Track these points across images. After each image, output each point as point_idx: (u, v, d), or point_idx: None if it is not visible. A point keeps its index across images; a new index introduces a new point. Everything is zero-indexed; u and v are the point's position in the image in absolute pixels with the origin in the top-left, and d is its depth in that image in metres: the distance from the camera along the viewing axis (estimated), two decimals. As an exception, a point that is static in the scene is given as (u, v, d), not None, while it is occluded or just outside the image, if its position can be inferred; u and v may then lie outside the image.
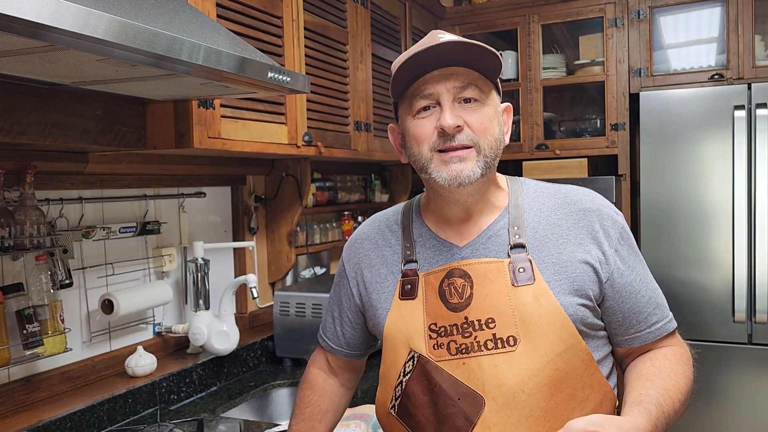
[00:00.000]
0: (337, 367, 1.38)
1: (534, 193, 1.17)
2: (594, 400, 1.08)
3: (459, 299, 1.09)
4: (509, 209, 1.14)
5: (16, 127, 1.43)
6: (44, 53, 1.07)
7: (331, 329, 1.34)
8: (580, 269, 1.08)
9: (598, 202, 1.16)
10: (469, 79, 1.06)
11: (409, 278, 1.15)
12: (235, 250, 2.51)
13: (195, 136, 1.71)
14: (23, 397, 1.71)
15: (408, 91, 1.10)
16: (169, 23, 1.19)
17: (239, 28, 1.86)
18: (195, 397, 2.08)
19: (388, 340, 1.17)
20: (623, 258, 1.12)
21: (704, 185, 2.79)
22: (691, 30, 3.19)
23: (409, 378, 1.11)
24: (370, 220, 1.31)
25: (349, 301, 1.29)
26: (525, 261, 1.08)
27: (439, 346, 1.09)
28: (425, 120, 1.08)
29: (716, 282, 2.78)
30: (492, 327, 1.06)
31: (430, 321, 1.11)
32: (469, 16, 3.39)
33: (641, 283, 1.12)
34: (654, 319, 1.12)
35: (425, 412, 1.10)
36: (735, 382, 2.76)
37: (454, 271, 1.11)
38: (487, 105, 1.09)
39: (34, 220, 1.64)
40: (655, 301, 1.14)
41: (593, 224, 1.12)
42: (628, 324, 1.12)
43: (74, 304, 1.87)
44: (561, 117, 3.60)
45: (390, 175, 3.46)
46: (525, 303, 1.06)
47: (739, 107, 2.71)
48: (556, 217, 1.13)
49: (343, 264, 1.31)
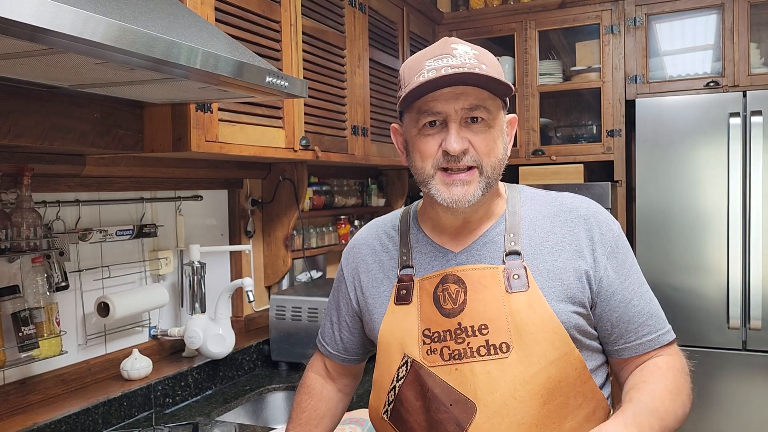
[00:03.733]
0: (334, 372, 1.37)
1: (531, 201, 1.17)
2: (587, 408, 1.07)
3: (453, 305, 1.09)
4: (506, 216, 1.14)
5: (13, 130, 1.44)
6: (43, 56, 1.07)
7: (330, 334, 1.35)
8: (573, 276, 1.08)
9: (594, 209, 1.15)
10: (478, 100, 1.05)
11: (404, 283, 1.16)
12: (232, 253, 2.51)
13: (192, 139, 1.71)
14: (18, 399, 1.71)
15: (415, 104, 1.08)
16: (168, 27, 1.19)
17: (237, 32, 1.86)
18: (190, 401, 2.08)
19: (382, 344, 1.17)
20: (615, 266, 1.11)
21: (699, 192, 2.81)
22: (687, 37, 3.21)
23: (403, 383, 1.11)
24: (369, 226, 1.32)
25: (347, 306, 1.29)
26: (520, 268, 1.08)
27: (432, 351, 1.09)
28: (430, 137, 1.07)
29: (711, 288, 2.79)
30: (485, 333, 1.06)
31: (424, 326, 1.11)
32: (466, 22, 3.40)
33: (633, 292, 1.11)
34: (645, 330, 1.10)
35: (418, 417, 1.09)
36: (729, 389, 2.77)
37: (448, 277, 1.11)
38: (493, 126, 1.08)
39: (31, 223, 1.64)
40: (648, 311, 1.11)
41: (588, 231, 1.12)
42: (617, 334, 1.11)
43: (70, 306, 1.87)
44: (557, 123, 3.61)
45: (386, 179, 3.46)
46: (519, 310, 1.06)
47: (735, 114, 2.72)
48: (552, 224, 1.13)
49: (342, 269, 1.31)
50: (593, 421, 1.06)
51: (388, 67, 2.85)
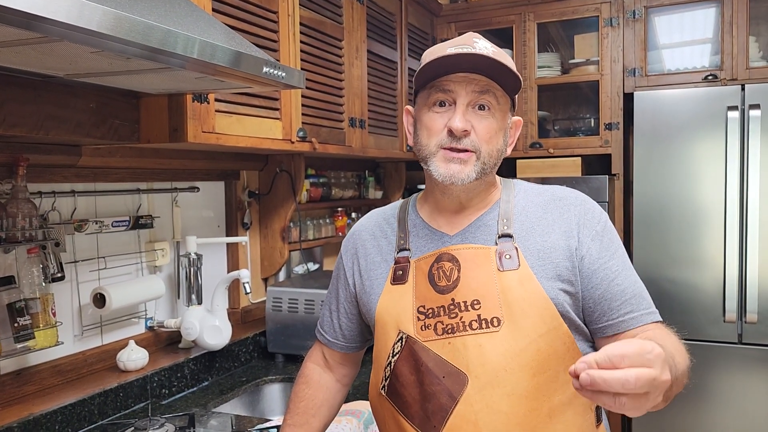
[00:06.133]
0: (333, 362, 1.40)
1: (524, 192, 1.23)
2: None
3: (447, 282, 1.14)
4: (500, 204, 1.20)
5: (8, 119, 1.43)
6: (38, 45, 1.06)
7: (329, 322, 1.37)
8: (563, 256, 1.12)
9: (583, 198, 1.21)
10: (488, 87, 1.12)
11: (401, 265, 1.21)
12: (228, 245, 2.51)
13: (189, 130, 1.70)
14: (14, 390, 1.71)
15: (430, 83, 1.15)
16: (164, 16, 1.18)
17: (234, 22, 1.85)
18: (187, 392, 2.08)
19: (379, 323, 1.21)
20: (600, 247, 1.14)
21: (697, 185, 2.81)
22: (685, 30, 3.20)
23: (398, 359, 1.15)
24: (369, 215, 1.37)
25: (346, 291, 1.32)
26: (511, 249, 1.13)
27: (426, 327, 1.13)
28: (438, 115, 1.13)
29: (707, 282, 2.80)
30: (477, 308, 1.10)
31: (419, 304, 1.15)
32: (464, 14, 3.39)
33: (617, 273, 1.13)
34: (628, 308, 1.12)
35: (412, 391, 1.13)
36: (725, 382, 2.78)
37: (443, 256, 1.16)
38: (496, 117, 1.14)
39: (26, 213, 1.63)
40: (631, 291, 1.13)
41: (577, 216, 1.16)
42: (600, 311, 1.12)
43: (66, 297, 1.87)
44: (555, 116, 3.61)
45: (384, 171, 3.46)
46: (510, 287, 1.10)
47: (733, 108, 2.72)
48: (544, 211, 1.18)
49: (341, 256, 1.35)
50: (582, 398, 1.05)
51: (386, 59, 2.84)
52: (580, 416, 1.10)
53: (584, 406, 1.11)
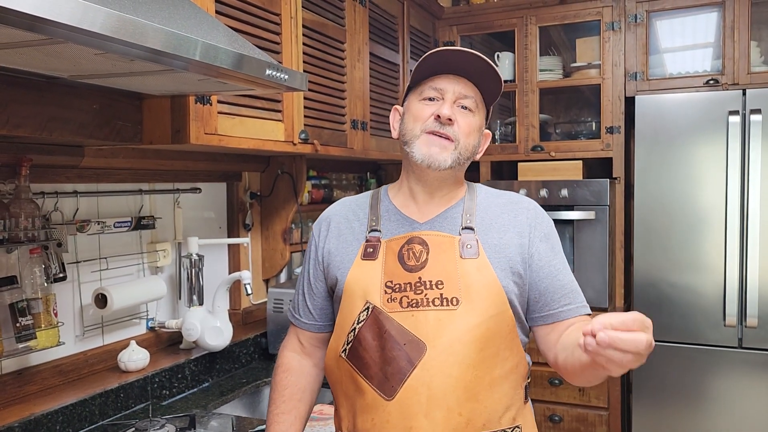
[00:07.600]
0: (309, 346, 1.45)
1: (485, 194, 1.39)
2: (512, 361, 1.27)
3: (416, 262, 1.28)
4: (465, 201, 1.36)
5: (12, 120, 1.43)
6: (42, 46, 1.07)
7: (302, 305, 1.44)
8: (515, 252, 1.30)
9: (534, 205, 1.38)
10: (473, 92, 1.31)
11: (371, 243, 1.32)
12: (230, 246, 2.51)
13: (191, 131, 1.71)
14: (15, 390, 1.71)
15: (422, 82, 1.32)
16: (168, 19, 1.19)
17: (237, 24, 1.86)
18: (187, 393, 2.09)
19: (347, 293, 1.30)
20: (547, 247, 1.33)
21: (698, 190, 2.81)
22: (687, 35, 3.21)
23: (362, 325, 1.27)
24: (341, 201, 1.46)
25: (316, 270, 1.40)
26: (473, 240, 1.29)
27: (392, 300, 1.25)
28: (427, 106, 1.30)
29: (708, 286, 2.80)
30: (440, 288, 1.25)
31: (387, 279, 1.27)
32: (466, 17, 3.39)
33: (559, 270, 1.32)
34: (567, 300, 1.31)
35: (373, 354, 1.24)
36: (725, 386, 2.78)
37: (414, 239, 1.30)
38: (476, 118, 1.32)
39: (29, 213, 1.64)
40: (570, 287, 1.32)
41: (528, 219, 1.34)
42: (543, 302, 1.31)
43: (68, 297, 1.87)
44: (556, 119, 3.61)
45: (385, 173, 3.46)
46: (469, 272, 1.26)
47: (734, 113, 2.72)
48: (501, 211, 1.35)
49: (313, 236, 1.43)
50: (516, 374, 1.27)
51: (388, 61, 2.85)
52: (513, 390, 1.27)
53: (516, 382, 1.28)
